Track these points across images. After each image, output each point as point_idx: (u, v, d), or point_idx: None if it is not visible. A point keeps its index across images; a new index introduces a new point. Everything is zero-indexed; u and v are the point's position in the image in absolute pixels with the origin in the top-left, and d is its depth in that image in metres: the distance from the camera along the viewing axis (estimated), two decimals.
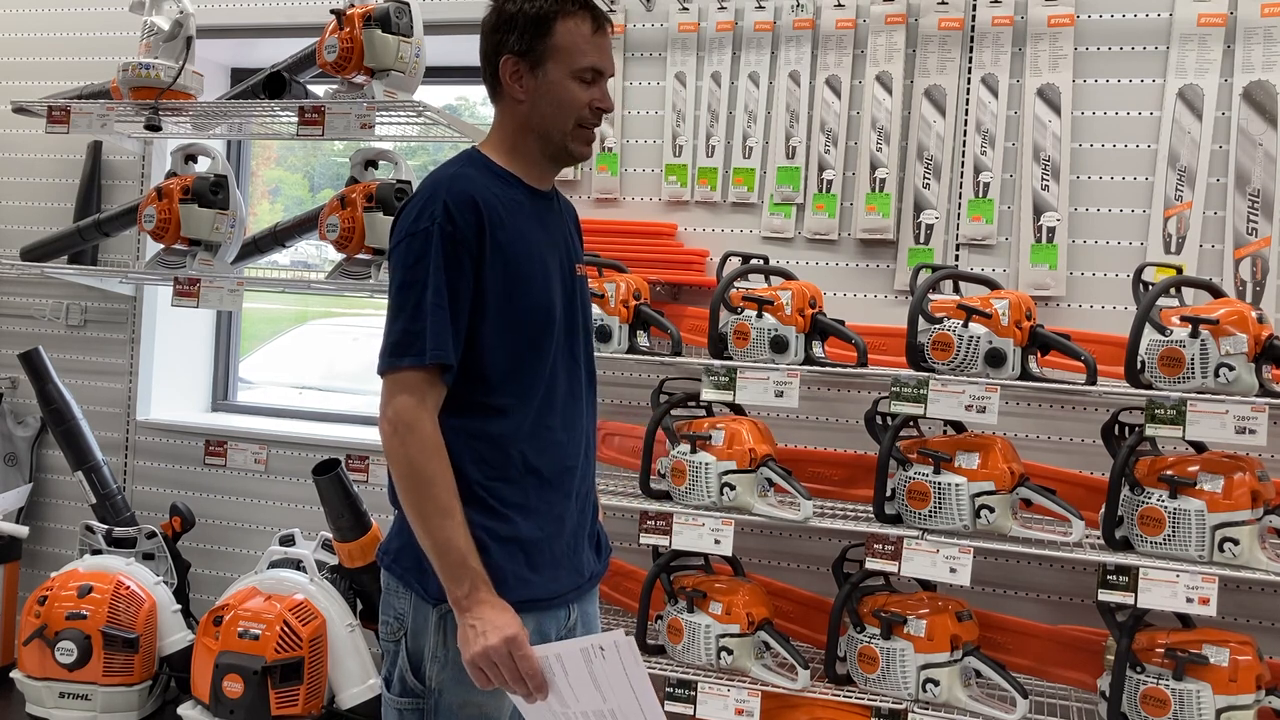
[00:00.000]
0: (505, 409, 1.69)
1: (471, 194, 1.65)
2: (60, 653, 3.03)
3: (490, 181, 1.71)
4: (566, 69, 1.71)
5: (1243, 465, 2.36)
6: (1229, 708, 2.28)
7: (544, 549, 1.72)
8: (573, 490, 1.79)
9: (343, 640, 3.00)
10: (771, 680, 2.59)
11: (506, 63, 1.71)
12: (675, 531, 2.63)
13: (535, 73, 1.71)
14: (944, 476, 2.51)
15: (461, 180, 1.68)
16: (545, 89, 1.72)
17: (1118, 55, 2.87)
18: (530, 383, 1.71)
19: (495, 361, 1.67)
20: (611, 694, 1.57)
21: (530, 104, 1.73)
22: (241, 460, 3.64)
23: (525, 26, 1.70)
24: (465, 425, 1.66)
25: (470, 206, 1.64)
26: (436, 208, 1.63)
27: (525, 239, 1.71)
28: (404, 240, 1.65)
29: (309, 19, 3.45)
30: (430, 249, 1.62)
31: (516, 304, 1.68)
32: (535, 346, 1.71)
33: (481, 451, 1.67)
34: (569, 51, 1.71)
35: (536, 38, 1.70)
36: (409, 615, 1.70)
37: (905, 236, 3.00)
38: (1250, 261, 2.75)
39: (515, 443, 1.69)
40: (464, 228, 1.63)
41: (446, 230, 1.62)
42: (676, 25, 3.22)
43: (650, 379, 3.10)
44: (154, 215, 3.24)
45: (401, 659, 1.71)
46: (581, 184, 3.31)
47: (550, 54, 1.71)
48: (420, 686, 1.69)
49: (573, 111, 1.73)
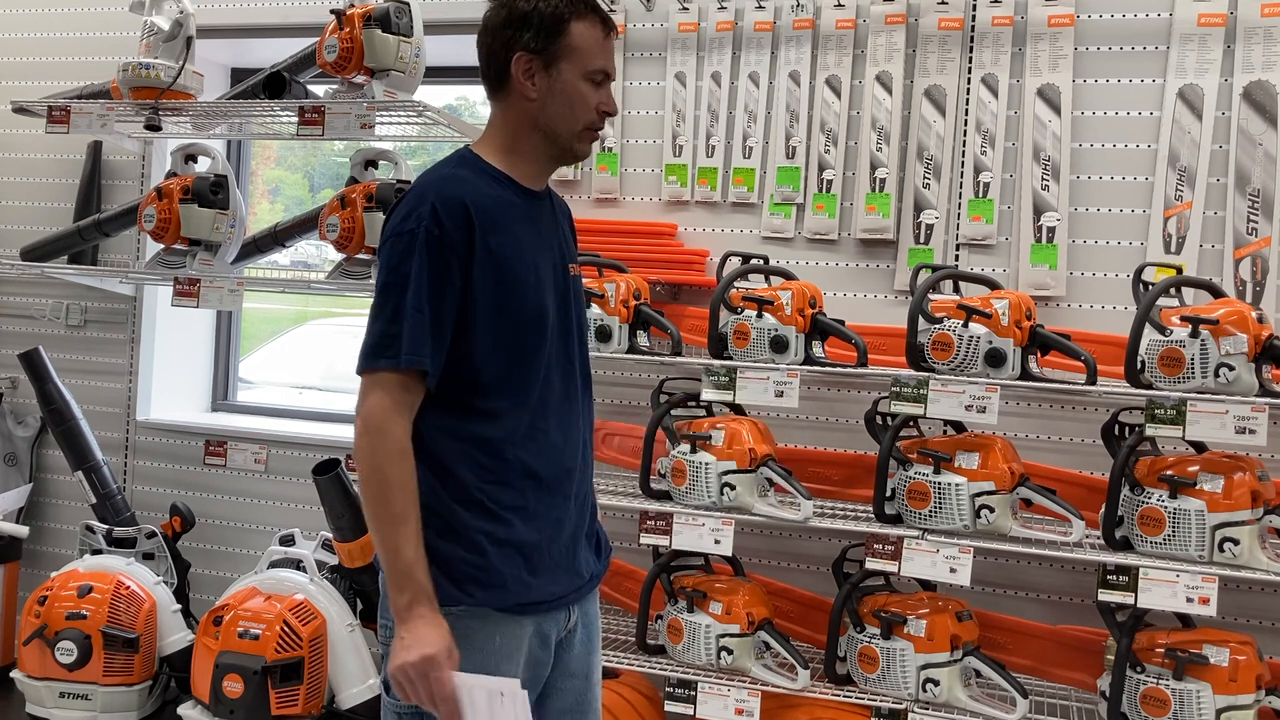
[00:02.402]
0: (499, 412, 1.68)
1: (461, 197, 1.65)
2: (60, 653, 3.03)
3: (483, 183, 1.70)
4: (580, 70, 1.72)
5: (1243, 465, 2.36)
6: (1229, 708, 2.28)
7: (543, 552, 1.72)
8: (571, 492, 1.78)
9: (343, 640, 2.99)
10: (771, 680, 2.59)
11: (519, 60, 1.70)
12: (675, 531, 2.63)
13: (549, 71, 1.71)
14: (944, 476, 2.51)
15: (452, 183, 1.68)
16: (558, 88, 1.71)
17: (1118, 55, 2.87)
18: (524, 386, 1.70)
19: (488, 365, 1.67)
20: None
21: (541, 102, 1.72)
22: (241, 460, 3.64)
23: (540, 25, 1.69)
24: (460, 429, 1.66)
25: (459, 210, 1.63)
26: (424, 210, 1.63)
27: (517, 241, 1.70)
28: (389, 240, 1.66)
29: (309, 19, 3.45)
30: (415, 251, 1.62)
31: (508, 307, 1.68)
32: (528, 349, 1.71)
33: (477, 456, 1.67)
34: (582, 52, 1.71)
35: (552, 37, 1.70)
36: None
37: (905, 236, 3.00)
38: (1250, 261, 2.75)
39: (511, 446, 1.69)
40: (451, 231, 1.62)
41: (433, 234, 1.62)
42: (676, 25, 3.22)
43: (650, 379, 3.10)
44: (154, 215, 3.24)
45: None
46: (581, 184, 3.31)
47: (564, 54, 1.71)
48: None
49: (583, 112, 1.73)
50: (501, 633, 1.66)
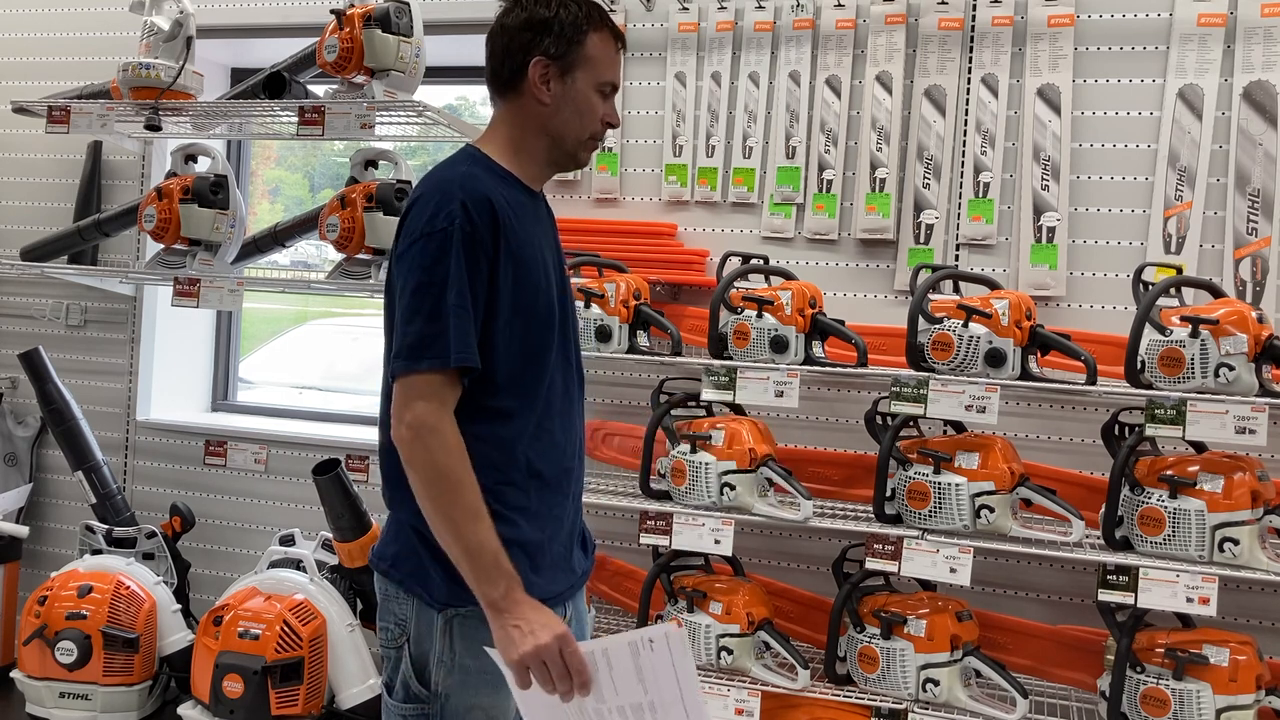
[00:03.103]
0: (511, 412, 1.68)
1: (487, 195, 1.64)
2: (60, 653, 3.03)
3: (495, 182, 1.70)
4: (593, 80, 1.74)
5: (1243, 465, 2.36)
6: (1229, 708, 2.28)
7: (545, 550, 1.72)
8: (570, 491, 1.80)
9: (343, 640, 2.99)
10: (771, 680, 2.59)
11: (537, 64, 1.71)
12: (675, 531, 2.63)
13: (565, 79, 1.72)
14: (944, 476, 2.51)
15: (474, 180, 1.67)
16: (571, 96, 1.73)
17: (1118, 55, 2.87)
18: (534, 386, 1.71)
19: (503, 365, 1.67)
20: (655, 687, 1.55)
21: (554, 108, 1.73)
22: (241, 460, 3.64)
23: (561, 32, 1.71)
24: (471, 429, 1.65)
25: (487, 208, 1.63)
26: (454, 207, 1.61)
27: (531, 242, 1.71)
28: (419, 240, 1.62)
29: (308, 19, 3.45)
30: (451, 249, 1.60)
31: (524, 306, 1.68)
32: (540, 349, 1.71)
33: (488, 455, 1.66)
34: (597, 63, 1.74)
35: (571, 45, 1.71)
36: (411, 621, 1.69)
37: (905, 236, 3.00)
38: (1250, 261, 2.75)
39: (520, 446, 1.69)
40: (482, 229, 1.62)
41: (466, 230, 1.60)
42: (676, 25, 3.22)
43: (650, 379, 3.10)
44: (154, 215, 3.24)
45: (405, 665, 1.70)
46: (581, 184, 3.31)
47: (581, 63, 1.72)
48: (425, 692, 1.68)
49: (591, 122, 1.76)
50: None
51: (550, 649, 1.54)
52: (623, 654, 1.55)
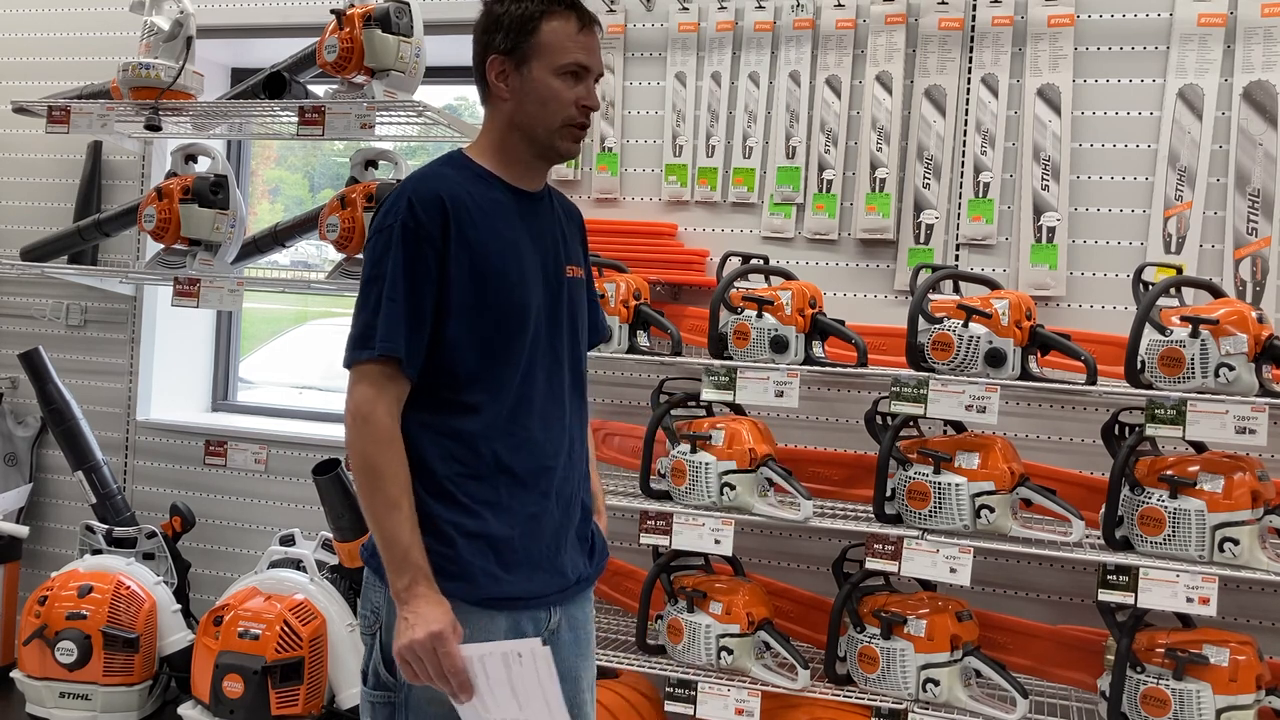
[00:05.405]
0: (476, 406, 1.70)
1: (438, 191, 1.68)
2: (60, 653, 3.03)
3: (467, 181, 1.73)
4: (549, 66, 1.73)
5: (1243, 465, 2.36)
6: (1229, 708, 2.28)
7: (516, 548, 1.72)
8: (551, 490, 1.78)
9: (343, 640, 3.00)
10: (771, 680, 2.59)
11: (493, 63, 1.75)
12: (675, 531, 2.63)
13: (520, 71, 1.74)
14: (944, 476, 2.51)
15: (431, 179, 1.71)
16: (529, 87, 1.74)
17: (1118, 55, 2.87)
18: (502, 381, 1.72)
19: (464, 358, 1.69)
20: (526, 702, 1.58)
21: (515, 102, 1.75)
22: (241, 460, 3.64)
23: (510, 26, 1.73)
24: (434, 422, 1.69)
25: (435, 203, 1.67)
26: (401, 204, 1.67)
27: (499, 237, 1.72)
28: (371, 238, 1.70)
29: (308, 19, 3.45)
30: (391, 244, 1.66)
31: (486, 302, 1.70)
32: (507, 345, 1.72)
33: (450, 448, 1.69)
34: (552, 49, 1.73)
35: (521, 36, 1.73)
36: (383, 609, 1.71)
37: (905, 236, 3.00)
38: (1250, 261, 2.75)
39: (487, 440, 1.70)
40: (428, 224, 1.66)
41: (409, 226, 1.65)
42: (676, 25, 3.22)
43: (650, 379, 3.10)
44: (154, 215, 3.24)
45: (376, 652, 1.72)
46: (581, 184, 3.31)
47: (534, 52, 1.73)
48: (392, 680, 1.70)
49: (558, 109, 1.74)
50: (472, 626, 1.66)
51: (423, 645, 1.57)
52: (496, 663, 1.58)
